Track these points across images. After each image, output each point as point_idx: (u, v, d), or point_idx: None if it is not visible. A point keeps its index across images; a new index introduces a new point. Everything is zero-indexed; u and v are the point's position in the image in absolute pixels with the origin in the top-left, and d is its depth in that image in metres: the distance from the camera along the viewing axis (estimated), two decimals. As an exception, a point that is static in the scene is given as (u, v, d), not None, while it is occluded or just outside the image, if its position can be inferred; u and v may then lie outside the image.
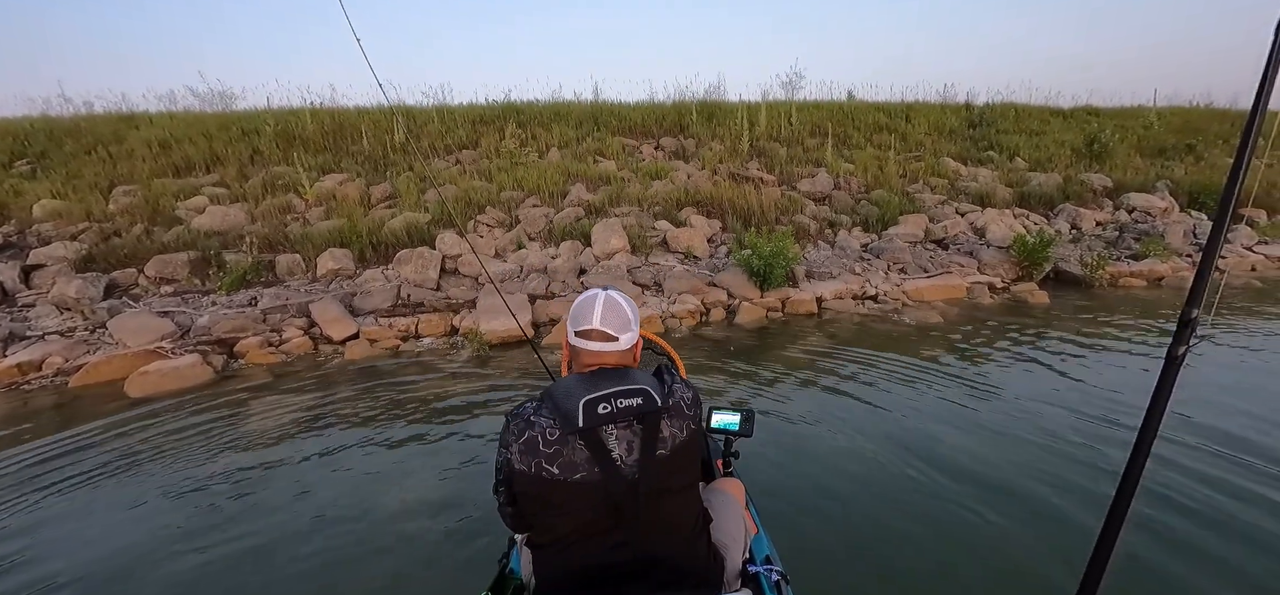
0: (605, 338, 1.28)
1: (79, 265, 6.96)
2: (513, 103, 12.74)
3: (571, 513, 1.15)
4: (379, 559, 2.55)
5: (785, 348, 5.36)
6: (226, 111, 12.11)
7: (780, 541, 1.86)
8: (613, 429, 1.15)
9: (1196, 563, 2.35)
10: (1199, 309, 0.99)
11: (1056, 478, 2.97)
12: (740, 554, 1.46)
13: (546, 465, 1.13)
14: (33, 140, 10.01)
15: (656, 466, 1.15)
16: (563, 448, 1.13)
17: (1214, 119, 14.53)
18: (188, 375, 4.78)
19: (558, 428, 1.14)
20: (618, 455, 1.14)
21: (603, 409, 1.14)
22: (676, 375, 1.30)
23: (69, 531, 2.82)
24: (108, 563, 2.56)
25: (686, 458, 1.22)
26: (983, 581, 2.32)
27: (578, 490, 1.13)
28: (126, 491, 3.16)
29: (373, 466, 3.36)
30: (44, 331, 5.74)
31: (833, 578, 2.33)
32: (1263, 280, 7.59)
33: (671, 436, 1.18)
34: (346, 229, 7.55)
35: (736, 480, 1.79)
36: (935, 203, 9.78)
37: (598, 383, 1.18)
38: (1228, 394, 3.89)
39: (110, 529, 2.82)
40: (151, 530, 2.79)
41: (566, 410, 1.14)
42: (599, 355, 1.28)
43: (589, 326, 1.28)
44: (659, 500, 1.16)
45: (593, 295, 1.32)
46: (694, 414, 1.25)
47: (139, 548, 2.66)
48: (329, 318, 5.77)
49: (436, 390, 4.51)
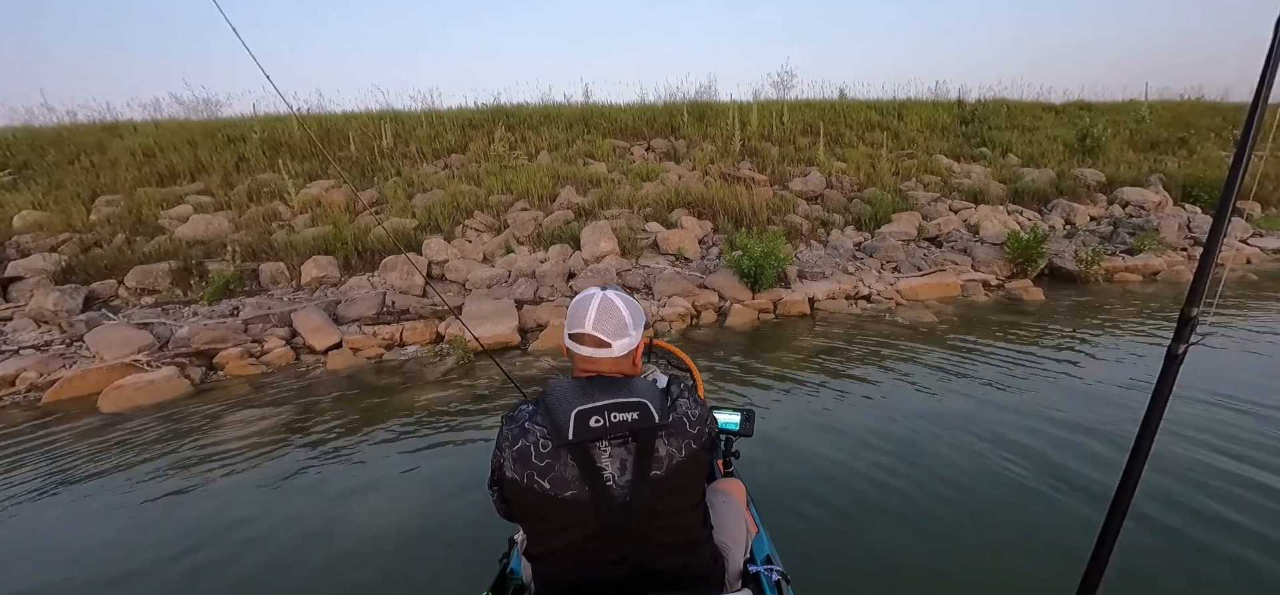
0: (598, 343, 1.18)
1: (58, 277, 6.83)
2: (502, 106, 12.66)
3: (563, 528, 1.10)
4: (370, 565, 2.47)
5: (777, 349, 5.26)
6: (212, 119, 11.99)
7: (780, 541, 1.84)
8: (606, 445, 1.09)
9: (1196, 558, 2.30)
10: (1199, 307, 0.98)
11: (1055, 476, 2.92)
12: (742, 554, 1.44)
13: (538, 479, 1.07)
14: (15, 150, 9.88)
15: (650, 488, 1.09)
16: (554, 463, 1.07)
17: (1206, 112, 14.53)
18: (163, 388, 4.66)
19: (550, 439, 1.08)
20: (609, 475, 1.08)
21: (594, 422, 1.06)
22: (688, 391, 1.21)
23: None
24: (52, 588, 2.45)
25: (687, 475, 1.15)
26: (982, 580, 2.28)
27: (568, 507, 1.08)
28: (81, 506, 3.04)
29: (351, 477, 3.25)
30: (19, 346, 5.61)
31: (833, 577, 2.31)
32: (1258, 273, 7.53)
33: (669, 456, 1.11)
34: (332, 236, 7.44)
35: (737, 480, 1.77)
36: (928, 200, 9.72)
37: (592, 392, 1.11)
38: (1225, 388, 3.80)
39: (59, 546, 2.70)
40: (110, 552, 2.67)
41: (557, 420, 1.08)
42: (592, 361, 1.19)
43: (581, 330, 1.19)
44: (654, 520, 1.11)
45: (589, 295, 1.22)
46: (698, 432, 1.16)
47: (86, 571, 2.54)
48: (311, 327, 5.65)
49: (419, 399, 4.40)
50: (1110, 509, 1.09)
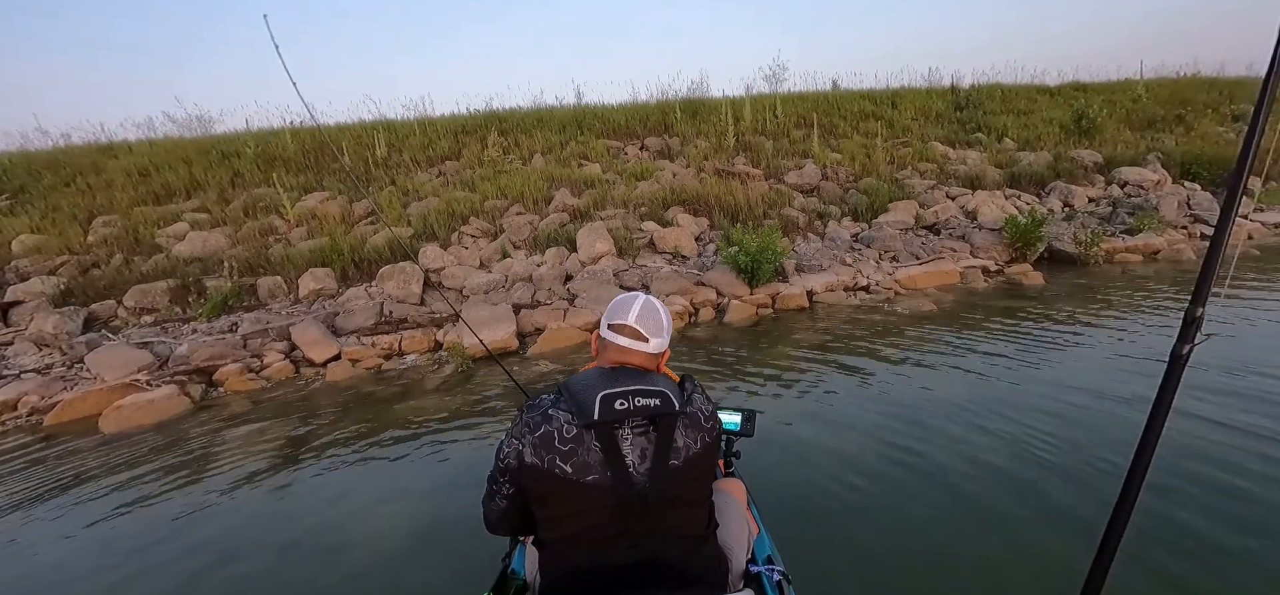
0: (637, 336, 1.28)
1: (57, 300, 6.84)
2: (495, 111, 12.66)
3: (580, 514, 1.14)
4: (374, 575, 2.47)
5: (777, 344, 5.25)
6: (206, 136, 12.00)
7: (781, 541, 1.83)
8: (628, 433, 1.14)
9: (1203, 549, 2.26)
10: (1204, 307, 0.96)
11: (1060, 469, 2.88)
12: (743, 554, 1.45)
13: (560, 463, 1.11)
14: (11, 175, 9.90)
15: (668, 476, 1.14)
16: (577, 447, 1.12)
17: (1202, 87, 14.46)
18: (164, 407, 4.67)
19: (574, 423, 1.13)
20: (631, 462, 1.13)
21: (619, 405, 1.13)
22: (700, 389, 1.30)
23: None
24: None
25: (700, 469, 1.20)
26: (985, 577, 2.25)
27: (588, 492, 1.12)
28: (80, 526, 3.05)
29: (352, 487, 3.25)
30: (21, 370, 5.62)
31: (834, 577, 2.29)
32: (1260, 248, 7.49)
33: (686, 446, 1.17)
34: (328, 248, 7.44)
35: (738, 480, 1.78)
36: (925, 188, 9.68)
37: (618, 379, 1.18)
38: (1231, 374, 3.77)
39: (57, 566, 2.71)
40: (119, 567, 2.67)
41: (583, 401, 1.14)
42: (625, 351, 1.28)
43: (624, 322, 1.29)
44: (668, 510, 1.16)
45: (634, 295, 1.35)
46: (711, 427, 1.23)
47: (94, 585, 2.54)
48: (310, 339, 5.65)
49: (419, 408, 4.39)
50: (1116, 504, 1.07)
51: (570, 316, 6.00)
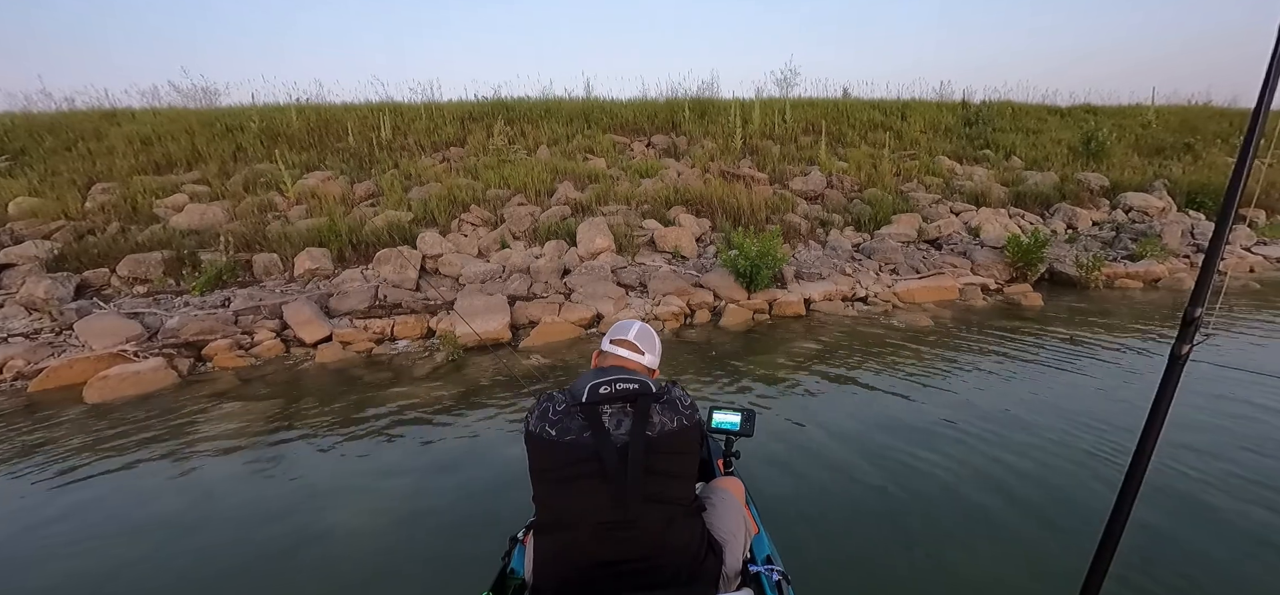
0: (633, 348, 1.56)
1: (51, 265, 6.80)
2: (502, 99, 12.59)
3: (568, 480, 1.27)
4: (357, 564, 2.43)
5: (769, 351, 5.20)
6: (210, 108, 11.94)
7: (780, 541, 1.85)
8: (608, 409, 1.33)
9: (1199, 561, 2.29)
10: (1202, 308, 1.00)
11: (1053, 481, 2.91)
12: (741, 553, 1.51)
13: (548, 428, 1.32)
14: (12, 136, 9.84)
15: (644, 443, 1.28)
16: (566, 418, 1.32)
17: (1213, 117, 14.38)
18: (149, 379, 4.63)
19: (566, 401, 1.35)
20: (609, 426, 1.31)
21: (603, 389, 1.34)
22: (681, 388, 1.45)
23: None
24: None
25: (677, 444, 1.33)
26: (982, 583, 2.26)
27: (571, 450, 1.27)
28: (57, 499, 3.01)
29: (338, 473, 3.21)
30: (9, 333, 5.58)
31: (834, 577, 2.29)
32: (1261, 282, 7.43)
33: (661, 423, 1.32)
34: (326, 228, 7.39)
35: (736, 479, 1.81)
36: (929, 202, 9.62)
37: (607, 372, 1.40)
38: (1227, 401, 3.73)
39: (33, 540, 2.67)
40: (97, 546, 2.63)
41: (576, 388, 1.37)
42: (620, 359, 1.54)
43: (624, 337, 1.58)
44: (648, 477, 1.27)
45: (633, 321, 1.65)
46: (688, 413, 1.38)
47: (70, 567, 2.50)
48: (302, 319, 5.61)
49: (407, 395, 4.35)
50: (1113, 509, 1.08)
51: (565, 311, 5.95)
